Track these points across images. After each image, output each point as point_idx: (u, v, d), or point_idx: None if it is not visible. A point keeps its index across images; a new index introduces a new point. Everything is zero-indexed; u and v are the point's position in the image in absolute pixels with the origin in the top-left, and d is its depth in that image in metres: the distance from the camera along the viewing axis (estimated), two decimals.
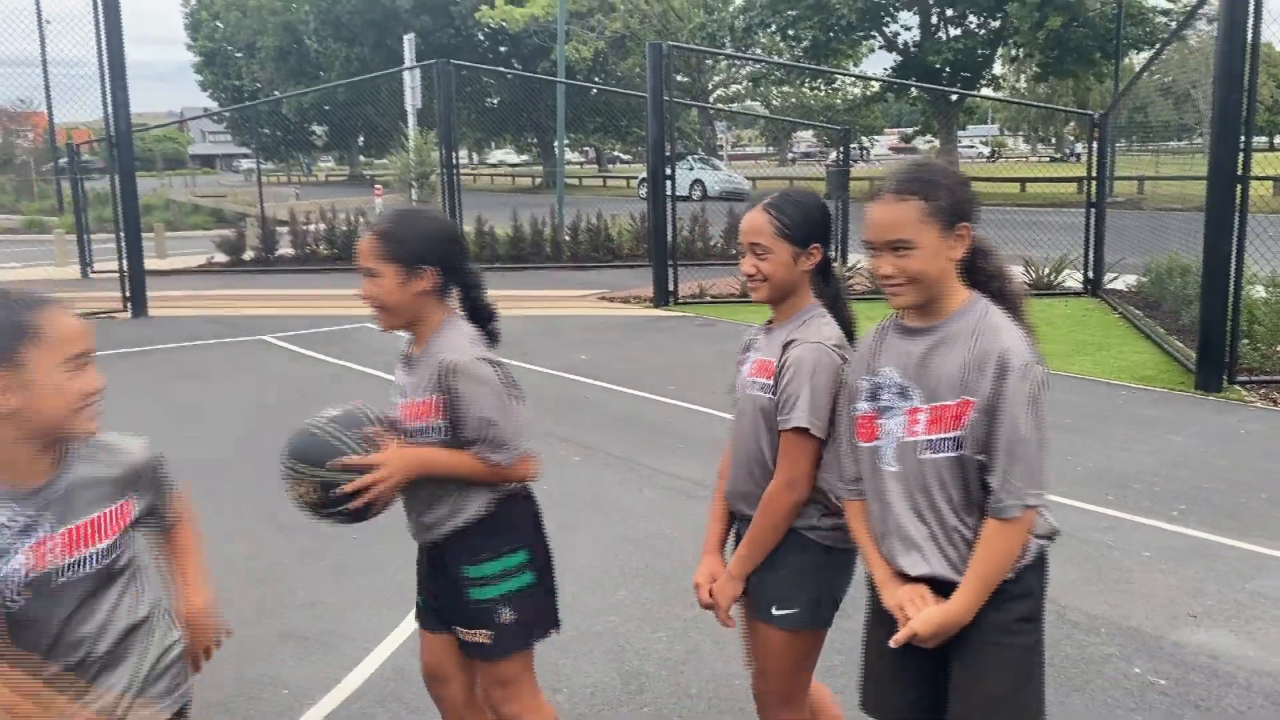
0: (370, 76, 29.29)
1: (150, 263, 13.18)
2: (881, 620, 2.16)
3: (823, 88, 44.33)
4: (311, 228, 17.25)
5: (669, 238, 12.68)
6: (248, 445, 6.68)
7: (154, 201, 26.22)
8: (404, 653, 3.85)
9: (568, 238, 16.94)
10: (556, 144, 22.02)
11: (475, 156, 61.31)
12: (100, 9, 11.55)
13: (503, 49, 47.05)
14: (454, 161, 15.89)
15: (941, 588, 2.05)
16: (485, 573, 2.49)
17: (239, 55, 54.35)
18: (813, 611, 2.38)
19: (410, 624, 4.06)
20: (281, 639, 4.00)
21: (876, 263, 2.05)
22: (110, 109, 11.82)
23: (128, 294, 12.17)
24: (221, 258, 16.85)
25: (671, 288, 12.54)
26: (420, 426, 2.46)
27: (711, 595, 2.46)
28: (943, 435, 2.01)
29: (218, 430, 7.14)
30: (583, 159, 69.44)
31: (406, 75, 20.15)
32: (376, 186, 22.63)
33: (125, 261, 12.21)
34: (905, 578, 2.09)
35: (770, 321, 2.46)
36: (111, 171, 12.33)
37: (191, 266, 16.68)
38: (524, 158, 61.81)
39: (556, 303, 12.97)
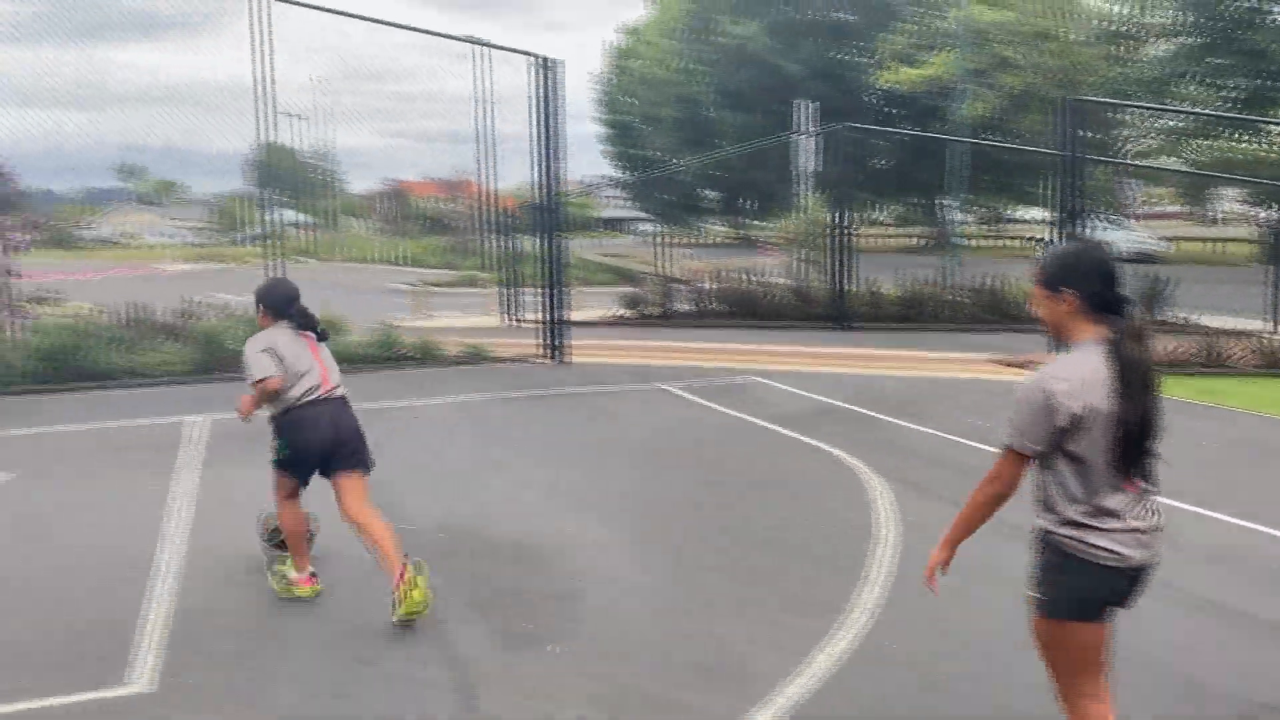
0: (765, 142, 30.38)
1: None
2: None
3: (1257, 140, 39.76)
4: (706, 285, 18.15)
5: None
6: (652, 481, 7.15)
7: (568, 260, 28.77)
8: (815, 697, 3.93)
9: (960, 298, 16.49)
10: (950, 202, 21.63)
11: (862, 217, 61.25)
12: (543, 97, 13.02)
13: (893, 111, 46.93)
14: (846, 222, 16.09)
15: None
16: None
17: (643, 127, 58.53)
18: (1052, 603, 2.79)
19: (818, 667, 4.15)
20: (687, 668, 4.22)
21: None
22: (542, 179, 13.26)
23: (550, 341, 13.49)
24: (625, 312, 18.17)
25: None
26: None
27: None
28: None
29: (624, 466, 7.70)
30: (975, 218, 67.12)
31: (800, 140, 20.72)
32: (764, 247, 23.35)
33: (549, 313, 13.55)
34: None
35: None
36: (540, 233, 13.79)
37: (599, 319, 18.13)
38: (890, 213, 60.87)
39: (947, 365, 12.65)
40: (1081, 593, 2.73)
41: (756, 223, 68.48)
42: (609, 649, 4.41)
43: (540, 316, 14.12)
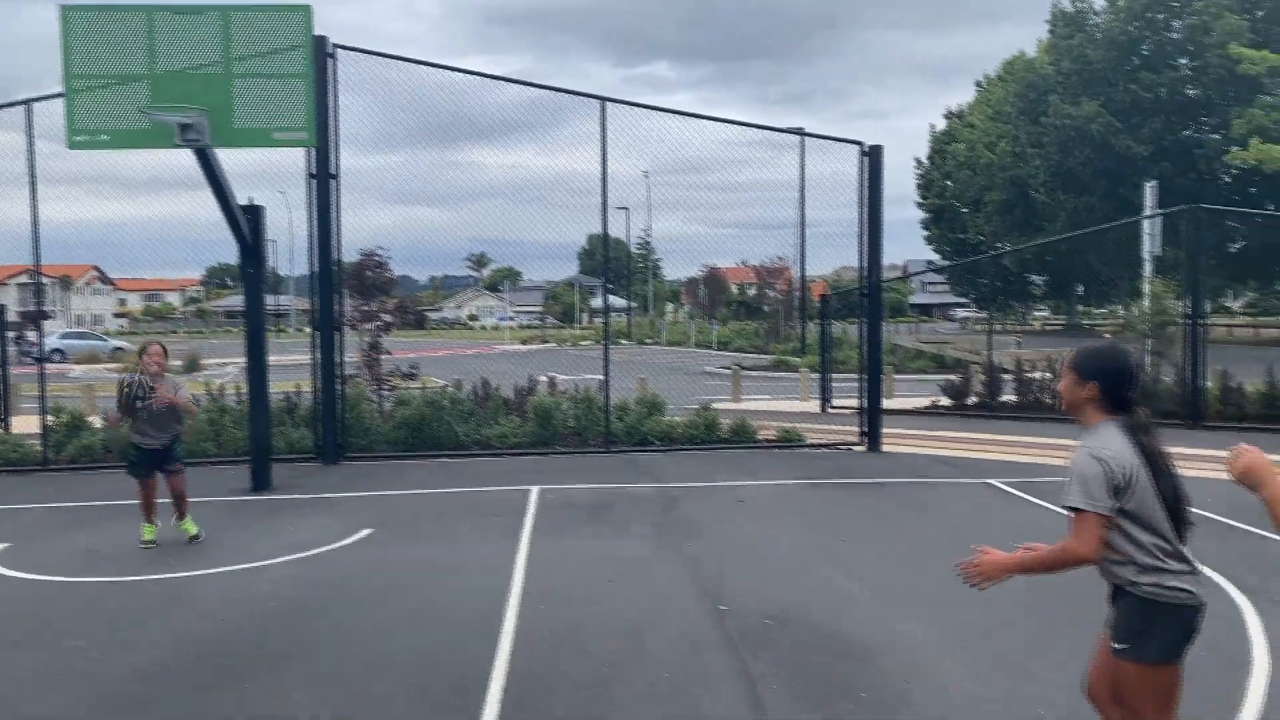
0: (1109, 227, 28.59)
1: None
2: None
3: None
4: (1036, 376, 17.16)
5: None
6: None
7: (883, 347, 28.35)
8: None
9: None
10: None
11: (1215, 305, 56.03)
12: (867, 184, 13.05)
13: (1252, 190, 42.76)
14: (1199, 311, 14.72)
15: None
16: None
17: (965, 211, 56.98)
18: (1145, 649, 3.16)
19: None
20: None
21: None
22: (865, 266, 13.18)
23: (865, 429, 13.25)
24: (946, 401, 17.51)
25: None
26: None
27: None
28: None
29: (949, 562, 7.31)
30: None
31: (1145, 223, 19.32)
32: (1105, 335, 21.79)
33: (865, 399, 13.34)
34: None
35: None
36: (860, 318, 13.67)
37: (916, 407, 17.59)
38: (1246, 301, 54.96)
39: None
40: (1169, 635, 3.17)
41: (1089, 309, 64.45)
42: None
43: (856, 403, 13.93)
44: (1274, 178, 38.36)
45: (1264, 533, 8.17)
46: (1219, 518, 8.77)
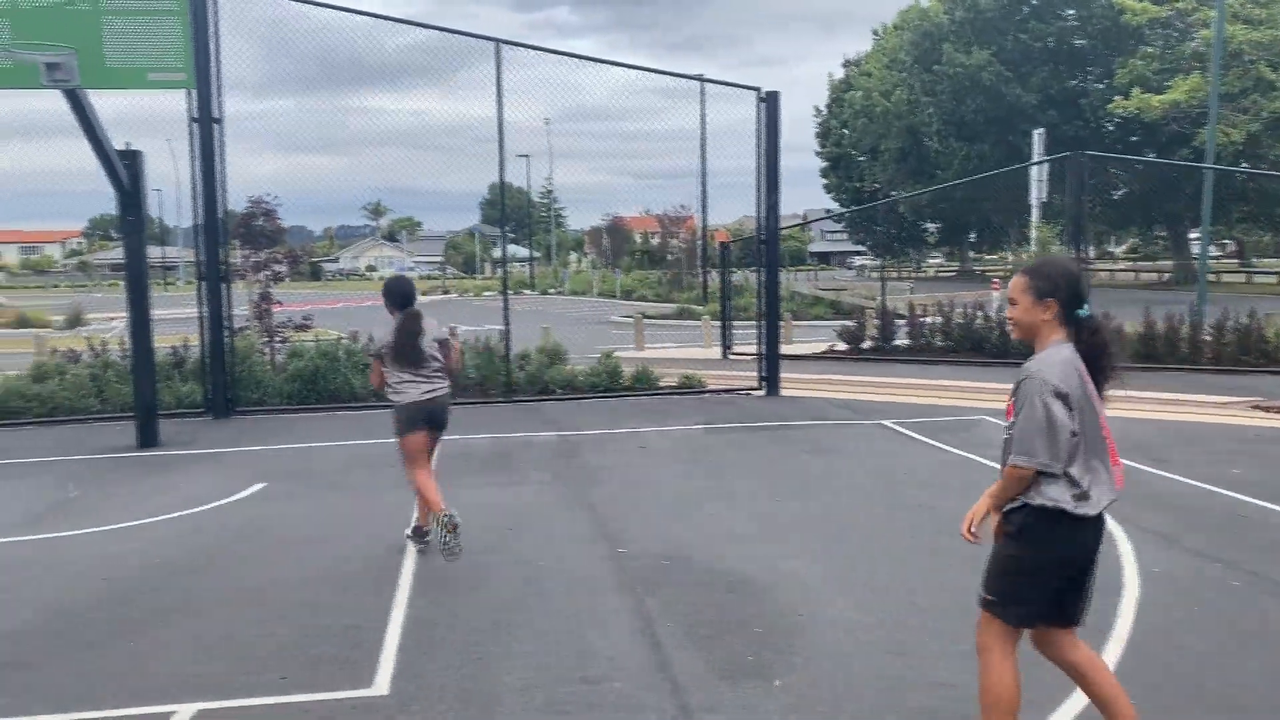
0: (997, 173, 29.26)
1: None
2: None
3: None
4: (928, 320, 17.60)
5: None
6: (872, 518, 6.95)
7: (781, 294, 28.68)
8: None
9: (1209, 337, 15.25)
10: (1198, 235, 20.14)
11: (1099, 249, 58.16)
12: (765, 131, 13.09)
13: (1134, 138, 44.30)
14: (1083, 254, 15.21)
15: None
16: None
17: (862, 159, 57.75)
18: (397, 434, 6.36)
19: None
20: (917, 714, 4.06)
21: None
22: (763, 213, 13.27)
23: (764, 374, 13.43)
24: (842, 346, 17.85)
25: None
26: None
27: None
28: None
29: (842, 501, 7.53)
30: (1220, 252, 62.42)
31: (1033, 170, 19.86)
32: (994, 281, 22.43)
33: (763, 345, 13.51)
34: None
35: None
36: (759, 267, 13.78)
37: (815, 353, 17.90)
38: (1128, 245, 57.23)
39: (1197, 409, 11.71)
40: (412, 419, 6.14)
41: (980, 255, 66.26)
42: (835, 687, 4.29)
43: (755, 349, 14.10)
44: (1153, 126, 39.77)
45: (1140, 465, 8.56)
46: None
